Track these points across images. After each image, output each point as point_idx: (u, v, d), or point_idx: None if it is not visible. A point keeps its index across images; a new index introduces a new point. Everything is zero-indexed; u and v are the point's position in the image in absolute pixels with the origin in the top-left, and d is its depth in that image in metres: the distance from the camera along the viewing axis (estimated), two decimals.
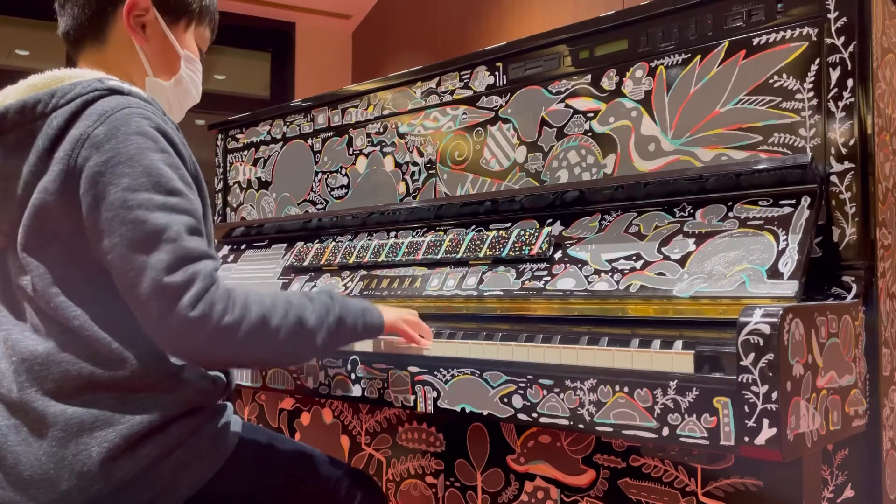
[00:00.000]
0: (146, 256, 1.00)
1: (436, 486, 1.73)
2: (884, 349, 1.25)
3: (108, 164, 1.03)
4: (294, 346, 1.11)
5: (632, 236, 1.37)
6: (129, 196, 1.01)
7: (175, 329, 1.00)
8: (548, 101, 1.60)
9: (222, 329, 1.01)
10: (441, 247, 1.61)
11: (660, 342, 1.14)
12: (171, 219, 1.02)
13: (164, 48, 1.24)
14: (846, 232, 1.22)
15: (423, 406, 1.30)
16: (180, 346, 1.03)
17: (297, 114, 2.14)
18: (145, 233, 1.01)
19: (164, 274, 0.99)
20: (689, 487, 1.35)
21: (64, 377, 1.05)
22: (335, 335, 1.16)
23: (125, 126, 1.05)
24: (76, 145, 1.04)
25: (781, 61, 1.31)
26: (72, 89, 1.09)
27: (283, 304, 1.09)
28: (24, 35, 5.52)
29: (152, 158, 1.04)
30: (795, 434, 0.97)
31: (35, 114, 1.08)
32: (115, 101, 1.08)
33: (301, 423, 2.05)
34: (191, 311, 0.99)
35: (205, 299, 1.00)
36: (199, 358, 1.07)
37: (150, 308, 1.00)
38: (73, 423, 1.04)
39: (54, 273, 1.07)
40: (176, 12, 1.25)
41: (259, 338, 1.05)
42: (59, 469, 1.03)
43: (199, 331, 1.00)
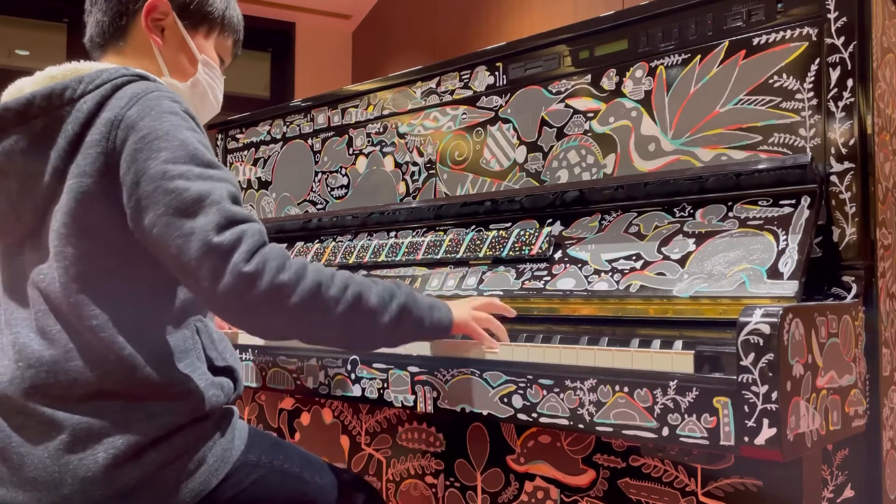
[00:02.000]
0: (192, 220, 0.99)
1: (436, 486, 1.73)
2: (884, 349, 1.25)
3: (145, 140, 1.03)
4: (351, 323, 1.07)
5: (632, 236, 1.37)
6: (168, 167, 1.02)
7: (231, 286, 0.97)
8: (548, 101, 1.60)
9: (277, 286, 0.99)
10: (441, 247, 1.61)
11: (660, 342, 1.14)
12: (212, 185, 1.02)
13: (181, 51, 1.26)
14: (846, 232, 1.22)
15: (423, 406, 1.30)
16: (236, 306, 0.99)
17: (297, 114, 2.14)
18: (188, 199, 1.00)
19: (213, 234, 0.98)
20: (689, 487, 1.35)
21: (72, 385, 1.05)
22: (397, 324, 1.11)
23: (157, 106, 1.06)
24: (112, 127, 1.05)
25: (781, 61, 1.31)
26: (99, 75, 1.10)
27: (344, 277, 1.07)
28: (24, 35, 5.53)
29: (186, 135, 1.06)
30: (795, 434, 0.97)
31: (63, 100, 1.09)
32: (144, 85, 1.09)
33: (301, 423, 2.04)
34: (244, 265, 0.97)
35: (259, 254, 0.99)
36: (254, 319, 1.02)
37: (202, 272, 0.98)
38: (81, 429, 1.03)
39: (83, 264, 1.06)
40: (195, 18, 1.27)
41: (315, 304, 1.02)
42: (63, 473, 1.02)
43: (254, 286, 0.97)
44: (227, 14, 1.31)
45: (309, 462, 1.26)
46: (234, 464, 1.13)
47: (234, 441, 1.15)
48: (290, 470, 1.21)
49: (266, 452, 1.19)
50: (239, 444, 1.16)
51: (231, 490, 1.12)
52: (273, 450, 1.21)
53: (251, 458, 1.16)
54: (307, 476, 1.23)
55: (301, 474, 1.22)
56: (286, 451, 1.24)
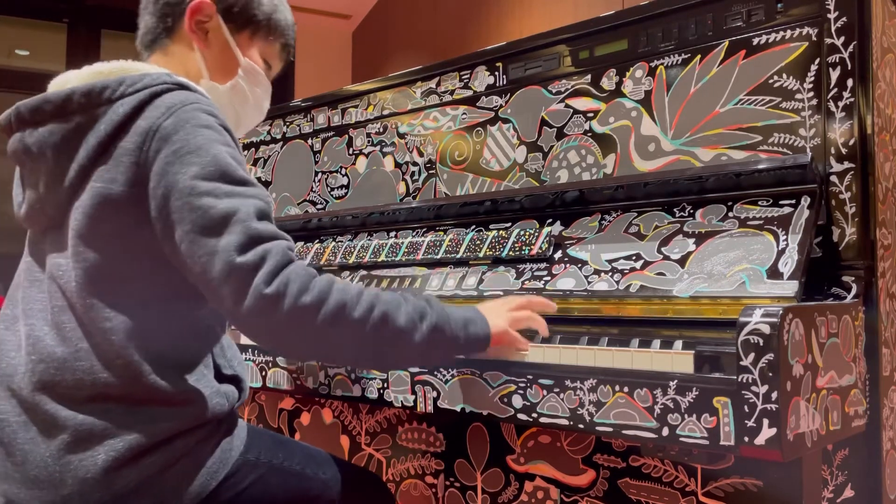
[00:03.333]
0: (216, 239, 0.99)
1: (436, 486, 1.73)
2: (884, 349, 1.25)
3: (177, 154, 1.03)
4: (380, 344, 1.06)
5: (632, 236, 1.37)
6: (197, 183, 1.02)
7: (252, 309, 0.97)
8: (548, 101, 1.60)
9: (300, 309, 0.98)
10: (441, 247, 1.61)
11: (660, 342, 1.14)
12: (239, 203, 1.02)
13: (224, 54, 1.25)
14: (846, 232, 1.22)
15: (423, 406, 1.30)
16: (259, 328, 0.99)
17: (297, 114, 2.14)
18: (214, 217, 1.00)
19: (236, 254, 0.98)
20: (689, 487, 1.35)
21: (77, 385, 1.05)
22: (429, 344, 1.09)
23: (193, 119, 1.06)
24: (146, 138, 1.05)
25: (781, 61, 1.31)
26: (141, 79, 1.10)
27: (371, 297, 1.06)
28: (24, 35, 5.52)
29: (219, 150, 1.05)
30: (795, 434, 0.97)
31: (101, 99, 1.09)
32: (183, 96, 1.09)
33: (301, 423, 2.04)
34: (265, 287, 0.97)
35: (281, 276, 0.98)
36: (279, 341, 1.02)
37: (224, 292, 0.98)
38: (83, 429, 1.04)
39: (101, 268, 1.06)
40: (240, 21, 1.26)
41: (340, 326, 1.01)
42: (63, 473, 1.03)
43: (275, 309, 0.97)
44: (274, 17, 1.29)
45: (311, 457, 1.25)
46: (233, 465, 1.13)
47: (233, 442, 1.15)
48: (290, 467, 1.21)
49: (265, 451, 1.19)
50: (238, 445, 1.15)
51: (230, 491, 1.12)
52: (273, 448, 1.21)
53: (250, 457, 1.16)
54: (309, 472, 1.22)
55: (303, 471, 1.22)
56: (287, 448, 1.24)
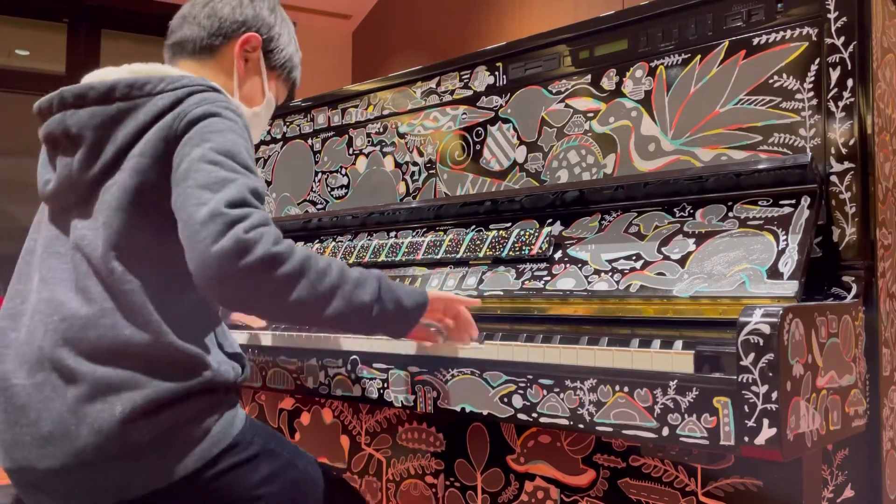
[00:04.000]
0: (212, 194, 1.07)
1: (436, 486, 1.73)
2: (884, 349, 1.25)
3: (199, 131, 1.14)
4: (341, 294, 1.13)
5: (632, 236, 1.37)
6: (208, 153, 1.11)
7: (227, 249, 1.03)
8: (548, 101, 1.60)
9: (270, 255, 1.05)
10: (441, 247, 1.61)
11: (660, 342, 1.14)
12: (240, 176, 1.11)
13: (256, 84, 1.41)
14: (846, 232, 1.23)
15: (423, 406, 1.30)
16: (228, 271, 1.03)
17: (297, 114, 2.14)
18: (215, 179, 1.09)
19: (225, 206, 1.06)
20: (689, 487, 1.35)
21: (99, 340, 1.11)
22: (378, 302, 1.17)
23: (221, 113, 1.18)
24: (176, 119, 1.16)
25: (781, 61, 1.31)
26: (180, 79, 1.20)
27: (329, 260, 1.15)
28: (24, 35, 5.52)
29: (237, 140, 1.15)
30: (795, 434, 0.97)
31: (143, 91, 1.19)
32: (217, 96, 1.21)
33: (301, 423, 2.04)
34: (244, 233, 1.04)
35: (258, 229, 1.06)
36: (241, 288, 1.06)
37: (203, 232, 1.04)
38: (102, 382, 1.09)
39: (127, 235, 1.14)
40: (275, 60, 1.42)
41: (301, 277, 1.09)
42: (79, 424, 1.08)
43: (248, 253, 1.04)
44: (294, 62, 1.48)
45: (301, 455, 1.30)
46: (233, 439, 1.18)
47: (235, 418, 1.20)
48: (283, 455, 1.26)
49: (261, 436, 1.25)
50: (239, 424, 1.21)
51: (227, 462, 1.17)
52: (268, 436, 1.27)
53: (247, 437, 1.21)
54: (299, 465, 1.27)
55: (293, 461, 1.27)
56: (280, 440, 1.29)
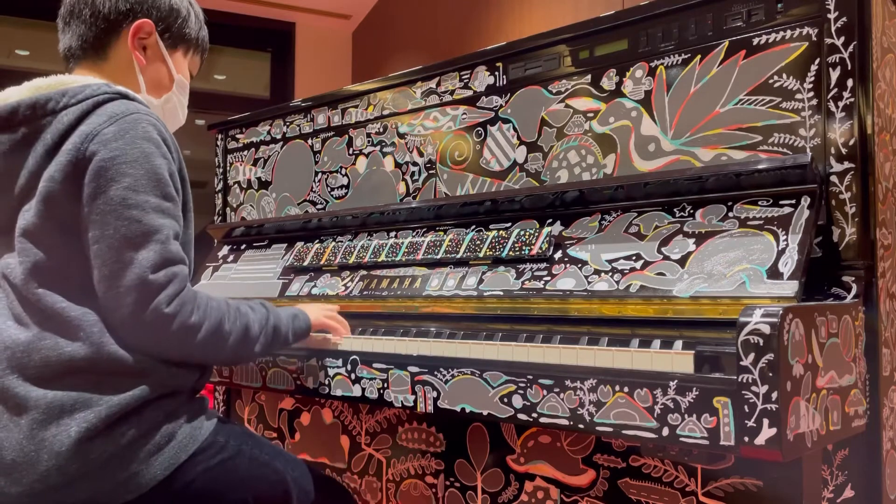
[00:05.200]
0: (135, 252, 1.09)
1: (436, 486, 1.73)
2: (884, 349, 1.25)
3: (114, 162, 1.11)
4: (238, 348, 1.22)
5: (632, 236, 1.37)
6: (129, 195, 1.10)
7: (148, 322, 1.09)
8: (548, 101, 1.60)
9: (187, 327, 1.12)
10: (441, 247, 1.61)
11: (660, 342, 1.14)
12: (163, 222, 1.12)
13: (161, 70, 1.34)
14: (846, 232, 1.22)
15: (423, 406, 1.30)
16: (147, 337, 1.11)
17: (297, 114, 2.14)
18: (139, 231, 1.10)
19: (150, 271, 1.09)
20: (689, 487, 1.35)
21: (45, 363, 1.11)
22: (272, 341, 1.29)
23: (133, 129, 1.13)
24: (85, 139, 1.12)
25: (781, 61, 1.31)
26: (83, 90, 1.17)
27: (234, 310, 1.22)
28: (24, 35, 5.52)
29: (154, 163, 1.13)
30: (795, 434, 0.97)
31: (46, 110, 1.16)
32: (125, 106, 1.16)
33: (301, 423, 2.04)
34: (165, 307, 1.10)
35: (178, 299, 1.11)
36: (159, 349, 1.14)
37: (127, 300, 1.09)
38: (54, 405, 1.09)
39: (48, 260, 1.14)
40: (175, 39, 1.35)
41: (214, 338, 1.16)
42: (38, 450, 1.07)
43: (168, 326, 1.10)
44: (200, 35, 1.41)
45: (281, 455, 1.29)
46: (202, 442, 1.18)
47: (203, 422, 1.20)
48: (259, 457, 1.24)
49: (235, 437, 1.24)
50: (208, 426, 1.20)
51: (199, 466, 1.16)
52: (243, 437, 1.26)
53: (220, 439, 1.21)
54: (279, 466, 1.26)
55: (272, 463, 1.25)
56: (257, 440, 1.28)
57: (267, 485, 1.22)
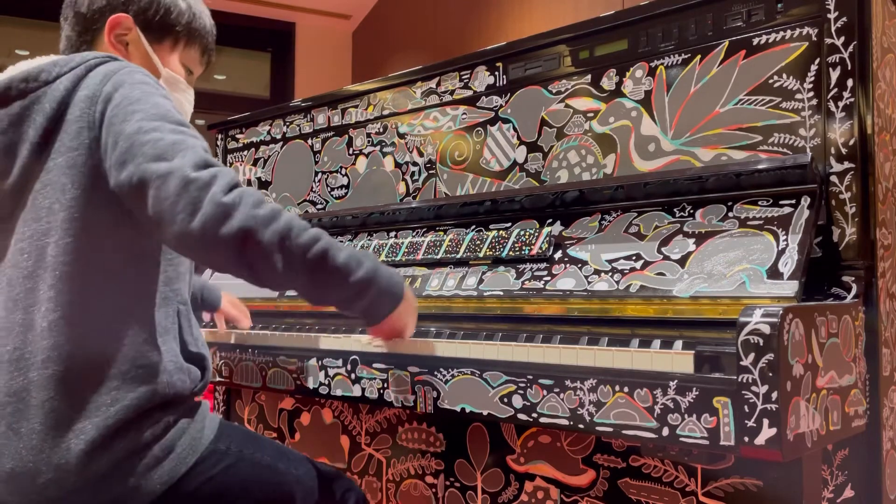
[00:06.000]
0: (169, 162, 1.01)
1: (436, 486, 1.73)
2: (884, 349, 1.25)
3: (120, 107, 1.08)
4: (318, 271, 1.08)
5: (632, 236, 1.37)
6: (143, 124, 1.06)
7: (209, 216, 0.98)
8: (548, 101, 1.60)
9: (253, 217, 1.00)
10: (441, 247, 1.61)
11: (660, 342, 1.14)
12: (185, 137, 1.06)
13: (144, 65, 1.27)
14: (846, 232, 1.22)
15: (423, 406, 1.30)
16: (211, 236, 0.99)
17: (297, 114, 2.14)
18: (165, 146, 1.03)
19: (192, 171, 1.00)
20: (689, 487, 1.35)
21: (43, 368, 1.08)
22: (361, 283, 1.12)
23: (129, 78, 1.12)
24: (91, 103, 1.10)
25: (781, 61, 1.31)
26: (72, 59, 1.16)
27: (316, 229, 1.09)
28: (24, 35, 5.53)
29: (158, 99, 1.10)
30: (795, 434, 0.97)
31: (39, 81, 1.14)
32: (116, 64, 1.15)
33: (301, 423, 2.04)
34: (222, 196, 1.00)
35: (236, 190, 1.02)
36: (225, 251, 1.01)
37: (179, 205, 0.99)
38: (52, 416, 1.06)
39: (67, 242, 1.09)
40: (159, 32, 1.30)
41: (285, 241, 1.03)
42: (37, 462, 1.05)
43: (231, 216, 0.99)
44: (193, 25, 1.33)
45: (284, 454, 1.27)
46: (202, 452, 1.15)
47: (203, 430, 1.17)
48: (262, 460, 1.22)
49: (236, 442, 1.21)
50: (208, 434, 1.17)
51: (200, 477, 1.14)
52: (244, 440, 1.23)
53: (220, 446, 1.18)
54: (282, 467, 1.24)
55: (274, 465, 1.23)
56: (259, 442, 1.26)
57: (270, 488, 1.21)
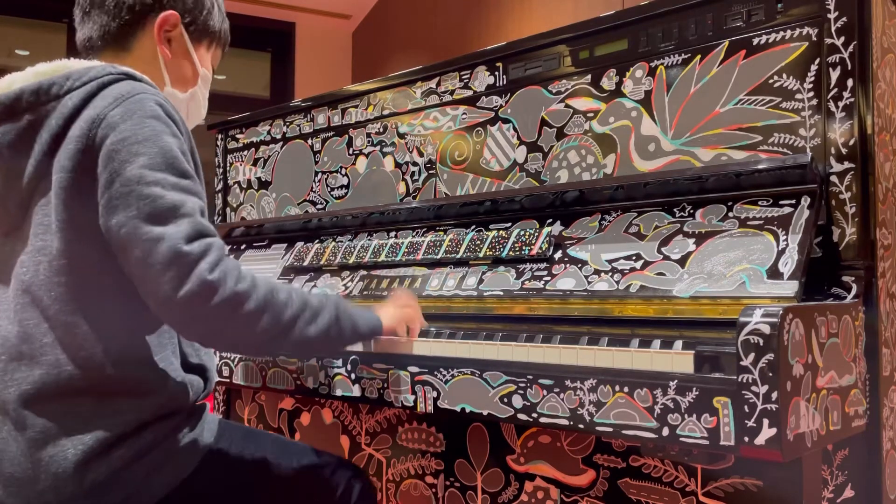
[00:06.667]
0: (163, 227, 1.01)
1: (436, 486, 1.73)
2: (884, 349, 1.25)
3: (125, 143, 1.05)
4: (300, 323, 1.11)
5: (632, 236, 1.37)
6: (145, 173, 1.04)
7: (193, 292, 0.99)
8: (548, 101, 1.60)
9: (236, 293, 1.02)
10: (441, 247, 1.61)
11: (660, 342, 1.14)
12: (185, 198, 1.05)
13: (185, 63, 1.30)
14: (846, 232, 1.22)
15: (423, 406, 1.30)
16: (194, 312, 1.01)
17: (297, 114, 2.14)
18: (162, 207, 1.02)
19: (183, 243, 1.01)
20: (689, 487, 1.35)
21: (43, 380, 1.07)
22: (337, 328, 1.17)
23: (141, 109, 1.08)
24: (92, 125, 1.07)
25: (781, 61, 1.31)
26: (87, 73, 1.12)
27: (289, 289, 1.12)
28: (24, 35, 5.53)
29: (166, 141, 1.07)
30: (795, 434, 0.97)
31: (49, 95, 1.12)
32: (130, 86, 1.12)
33: (301, 423, 2.04)
34: (209, 274, 1.00)
35: (220, 266, 1.02)
36: (209, 326, 1.04)
37: (165, 276, 1.00)
38: (51, 425, 1.06)
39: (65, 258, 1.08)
40: (200, 32, 1.32)
41: (267, 310, 1.06)
42: (36, 469, 1.05)
43: (214, 294, 1.01)
44: (223, 28, 1.37)
45: (286, 448, 1.27)
46: (203, 455, 1.15)
47: (202, 434, 1.17)
48: (263, 457, 1.22)
49: (237, 442, 1.21)
50: (208, 437, 1.17)
51: (202, 480, 1.14)
52: (244, 439, 1.23)
53: (221, 448, 1.18)
54: (283, 462, 1.24)
55: (276, 461, 1.23)
56: (259, 439, 1.26)
57: (272, 484, 1.22)
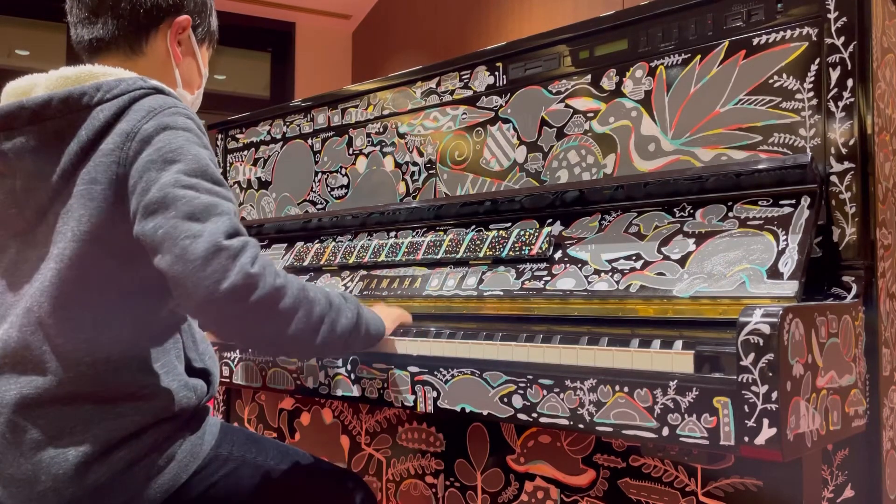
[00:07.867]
0: (202, 224, 1.02)
1: (436, 486, 1.73)
2: (884, 349, 1.25)
3: (160, 153, 1.07)
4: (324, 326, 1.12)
5: (632, 236, 1.37)
6: (181, 178, 1.05)
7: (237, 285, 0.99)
8: (548, 101, 1.60)
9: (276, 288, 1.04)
10: (441, 247, 1.61)
11: (660, 342, 1.14)
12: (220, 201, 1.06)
13: (192, 65, 1.33)
14: (846, 232, 1.23)
15: (423, 406, 1.30)
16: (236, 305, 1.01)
17: (297, 114, 2.14)
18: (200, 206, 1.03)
19: (223, 238, 1.01)
20: (689, 487, 1.35)
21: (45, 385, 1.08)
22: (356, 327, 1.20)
23: (173, 122, 1.10)
24: (127, 139, 1.08)
25: (781, 61, 1.31)
26: (118, 85, 1.12)
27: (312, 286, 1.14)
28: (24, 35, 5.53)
29: (199, 151, 1.09)
30: (795, 434, 0.97)
31: (80, 105, 1.12)
32: (162, 100, 1.13)
33: (301, 423, 2.05)
34: (251, 267, 1.01)
35: (260, 261, 1.03)
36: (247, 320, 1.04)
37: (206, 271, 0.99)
38: (52, 428, 1.07)
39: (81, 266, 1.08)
40: (205, 34, 1.34)
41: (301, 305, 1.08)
42: (36, 470, 1.06)
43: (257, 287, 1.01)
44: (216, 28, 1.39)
45: (287, 455, 1.27)
46: (203, 458, 1.15)
47: (204, 437, 1.17)
48: (264, 463, 1.22)
49: (238, 446, 1.21)
50: (209, 440, 1.17)
51: (202, 484, 1.14)
52: (246, 444, 1.23)
53: (222, 451, 1.18)
54: (284, 468, 1.24)
55: (277, 467, 1.23)
56: (261, 445, 1.26)
57: (272, 490, 1.22)
